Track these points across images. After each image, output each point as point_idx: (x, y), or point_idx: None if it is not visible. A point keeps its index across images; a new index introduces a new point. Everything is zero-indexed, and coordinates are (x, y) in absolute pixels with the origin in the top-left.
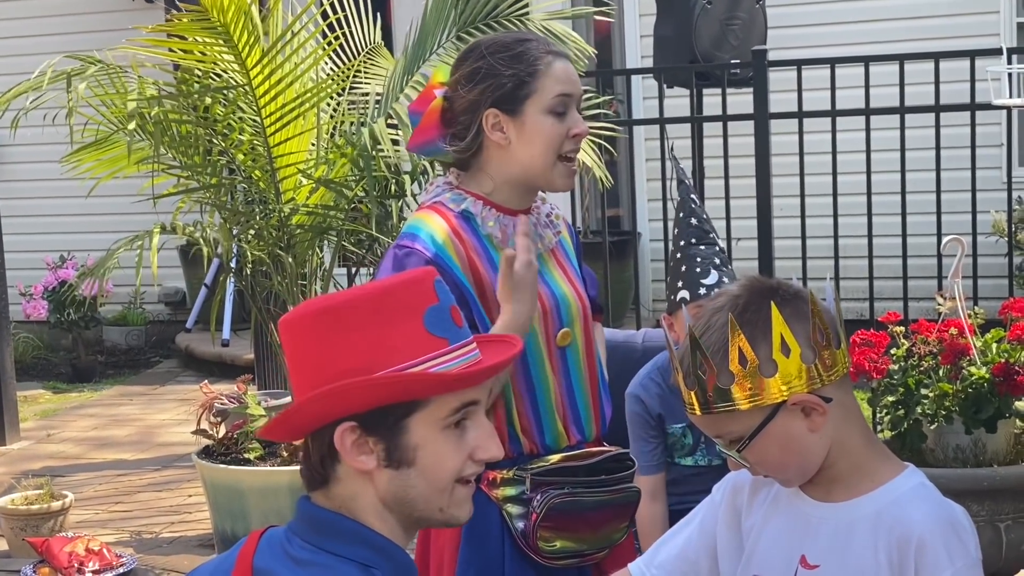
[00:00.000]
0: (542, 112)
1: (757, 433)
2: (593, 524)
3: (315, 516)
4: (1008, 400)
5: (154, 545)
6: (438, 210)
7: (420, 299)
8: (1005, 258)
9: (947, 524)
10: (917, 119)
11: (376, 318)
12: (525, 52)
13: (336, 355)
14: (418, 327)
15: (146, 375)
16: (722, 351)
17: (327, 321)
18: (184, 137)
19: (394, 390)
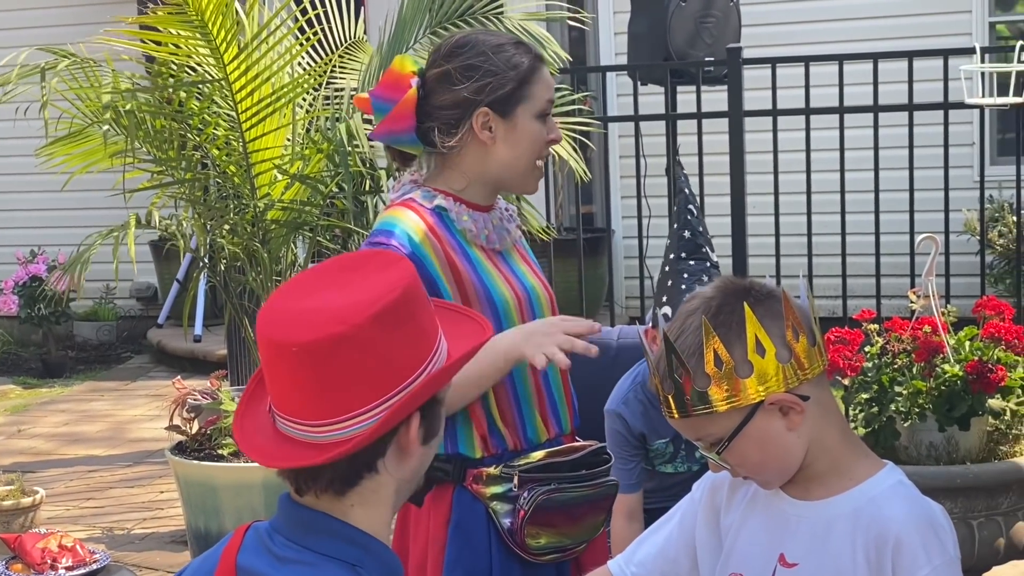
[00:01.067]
0: (532, 117)
1: (736, 434)
2: (575, 518)
3: (298, 515)
4: (981, 398)
5: (126, 541)
6: (410, 207)
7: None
8: (977, 256)
9: (925, 522)
10: (890, 118)
11: (417, 307)
12: (521, 55)
13: (402, 352)
14: (430, 308)
15: (117, 371)
16: (697, 354)
17: (388, 322)
18: (158, 131)
19: (449, 373)
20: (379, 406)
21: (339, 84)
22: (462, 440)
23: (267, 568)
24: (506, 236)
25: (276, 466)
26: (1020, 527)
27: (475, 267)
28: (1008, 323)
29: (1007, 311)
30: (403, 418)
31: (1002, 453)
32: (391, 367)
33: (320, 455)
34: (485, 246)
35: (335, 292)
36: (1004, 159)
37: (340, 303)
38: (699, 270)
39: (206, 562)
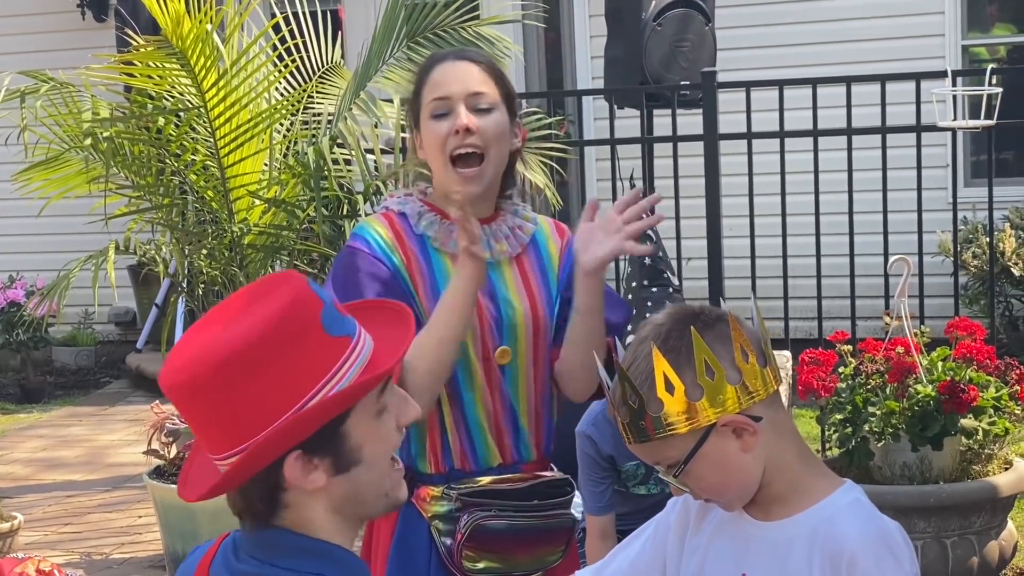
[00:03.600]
0: (427, 120)
1: (691, 457)
2: (521, 547)
3: (257, 533)
4: (954, 418)
5: (104, 566)
6: (384, 214)
7: (312, 309)
8: (951, 277)
9: (878, 539)
10: (864, 140)
11: (281, 348)
12: (422, 69)
13: (259, 400)
14: (321, 336)
15: (96, 395)
16: (649, 380)
17: (232, 372)
18: (136, 157)
19: (328, 411)
20: (239, 451)
21: (317, 108)
22: (416, 453)
23: None
24: (488, 251)
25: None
26: (993, 546)
27: (435, 274)
28: (980, 343)
29: (979, 331)
30: (268, 461)
31: (975, 472)
32: (247, 412)
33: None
34: (455, 255)
35: (216, 329)
36: (977, 180)
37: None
38: (662, 297)
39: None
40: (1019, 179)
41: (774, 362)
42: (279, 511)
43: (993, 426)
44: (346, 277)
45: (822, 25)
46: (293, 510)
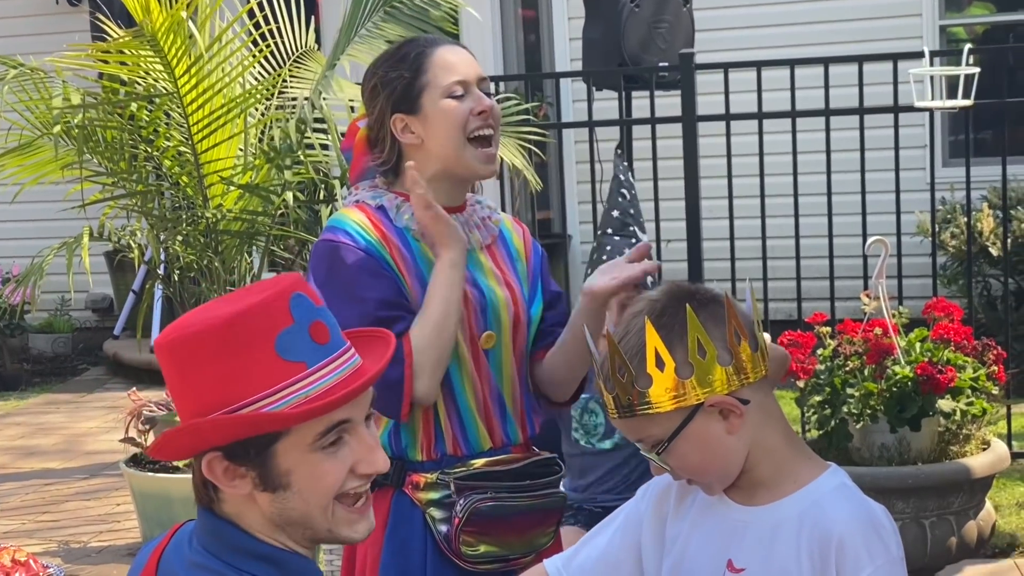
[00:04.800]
0: (440, 99)
1: (676, 435)
2: (518, 529)
3: (208, 523)
4: (932, 399)
5: (82, 555)
6: (359, 207)
7: (271, 324)
8: (929, 258)
9: (866, 523)
10: (842, 121)
11: (226, 350)
12: (406, 53)
13: (194, 389)
14: (270, 355)
15: (73, 383)
16: (639, 355)
17: (182, 355)
18: (109, 143)
19: (241, 429)
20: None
21: (291, 93)
22: (407, 442)
23: (180, 570)
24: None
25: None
26: (971, 526)
27: (419, 264)
28: (957, 324)
29: (956, 312)
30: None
31: (953, 453)
32: (187, 395)
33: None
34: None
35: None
36: (955, 161)
37: (183, 320)
38: (622, 245)
39: (140, 560)
40: (997, 159)
41: (765, 346)
42: (217, 501)
43: (971, 407)
44: (340, 276)
45: (800, 6)
46: (229, 504)
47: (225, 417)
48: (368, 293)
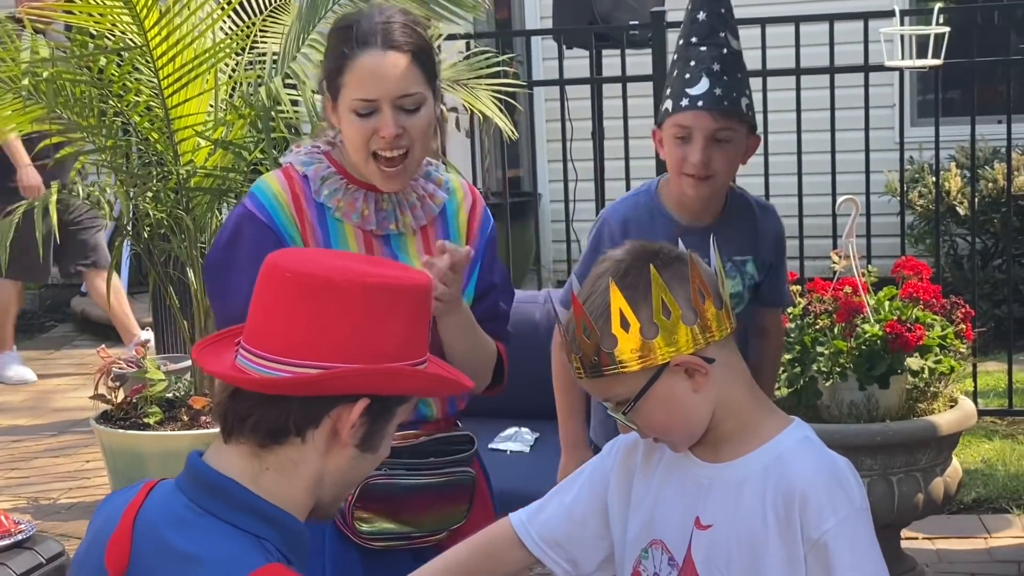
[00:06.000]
0: (347, 110)
1: (642, 395)
2: (418, 507)
3: (205, 477)
4: (900, 357)
5: (52, 511)
6: (286, 171)
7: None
8: (896, 217)
9: (829, 476)
10: (812, 80)
11: (417, 310)
12: (347, 36)
13: (379, 335)
14: (427, 330)
15: (41, 340)
16: (604, 315)
17: (382, 301)
18: (78, 98)
19: (430, 385)
20: (333, 365)
21: (262, 48)
22: None
23: (165, 528)
24: (393, 221)
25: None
26: (938, 483)
27: (330, 245)
28: (926, 283)
29: (925, 271)
30: (351, 391)
31: (920, 411)
32: (366, 339)
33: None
34: (360, 226)
35: (356, 263)
36: (924, 120)
37: (350, 266)
38: (709, 57)
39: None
40: (965, 119)
41: (729, 304)
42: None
43: (939, 365)
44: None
45: None
46: (300, 450)
47: (426, 373)
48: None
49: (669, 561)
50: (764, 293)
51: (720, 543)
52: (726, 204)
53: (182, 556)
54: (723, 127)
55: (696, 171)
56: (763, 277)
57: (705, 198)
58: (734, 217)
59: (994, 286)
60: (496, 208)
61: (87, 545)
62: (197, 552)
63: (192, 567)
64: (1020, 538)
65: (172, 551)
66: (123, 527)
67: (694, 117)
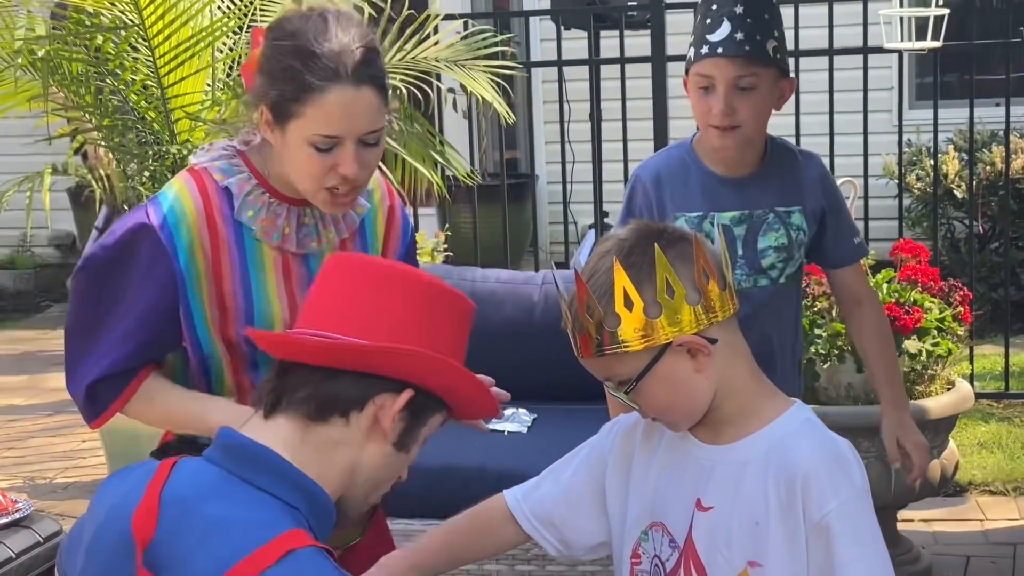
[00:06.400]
0: (301, 140)
1: (644, 375)
2: None
3: (241, 445)
4: (898, 339)
5: (48, 491)
6: (200, 179)
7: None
8: (895, 200)
9: (831, 458)
10: (811, 62)
11: (464, 322)
12: (311, 64)
13: (436, 329)
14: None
15: (36, 319)
16: (608, 294)
17: (443, 299)
18: (75, 76)
19: (472, 390)
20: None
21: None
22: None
23: (195, 497)
24: (315, 238)
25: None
26: (935, 465)
27: (244, 273)
28: (924, 265)
29: (923, 254)
30: (398, 370)
31: (918, 393)
32: (417, 328)
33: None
34: (279, 247)
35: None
36: (922, 103)
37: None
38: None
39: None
40: (963, 101)
41: (733, 285)
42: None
43: (936, 347)
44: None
45: None
46: (342, 431)
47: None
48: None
49: (670, 543)
50: (829, 249)
51: (721, 525)
52: (765, 153)
53: (210, 519)
54: (746, 74)
55: (720, 122)
56: (818, 228)
57: (734, 149)
58: (774, 166)
59: (991, 269)
60: (493, 190)
61: (103, 519)
62: (226, 515)
63: (219, 529)
64: (1016, 520)
65: (201, 516)
66: (149, 500)
67: (714, 65)
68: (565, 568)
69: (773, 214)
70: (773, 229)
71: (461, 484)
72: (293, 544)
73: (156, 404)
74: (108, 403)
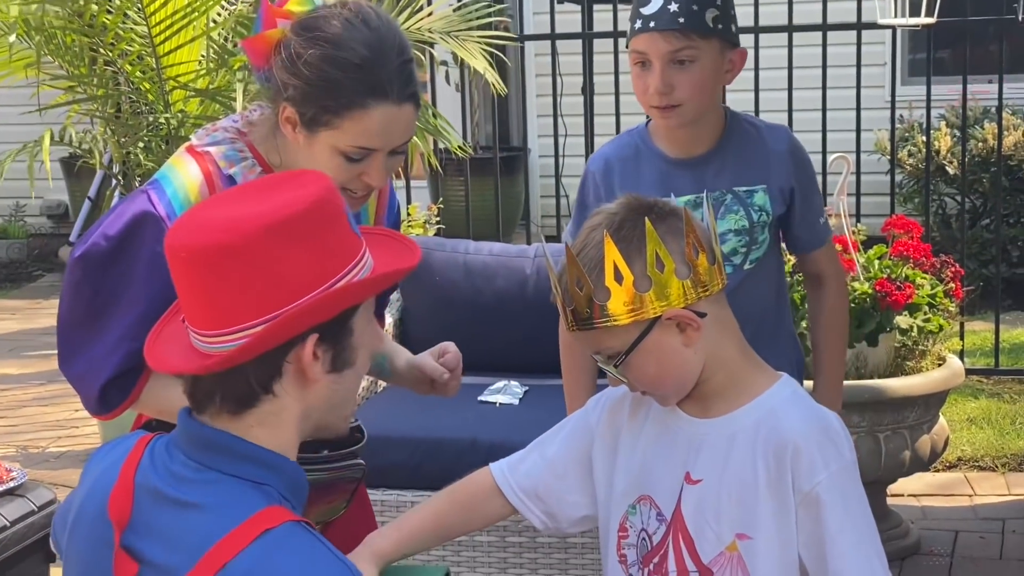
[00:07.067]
0: (333, 150)
1: (633, 348)
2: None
3: (199, 432)
4: (889, 315)
5: (41, 460)
6: (203, 162)
7: (341, 203)
8: (887, 175)
9: (820, 430)
10: (804, 37)
11: (324, 224)
12: (363, 79)
13: (296, 267)
14: (346, 228)
15: (28, 289)
16: (598, 267)
17: (275, 240)
18: (70, 46)
19: (353, 295)
20: (262, 322)
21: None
22: None
23: (165, 486)
24: None
25: (157, 368)
26: (925, 440)
27: None
28: (916, 241)
29: (915, 230)
30: (290, 336)
31: (908, 368)
32: (281, 283)
33: (198, 364)
34: None
35: (246, 205)
36: (915, 79)
37: (240, 213)
38: None
39: (105, 475)
40: (956, 77)
41: (721, 260)
42: (262, 402)
43: (928, 323)
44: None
45: None
46: (276, 401)
47: (358, 282)
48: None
49: (657, 516)
50: (794, 233)
51: (710, 497)
52: (724, 131)
53: (183, 504)
54: (682, 47)
55: (658, 101)
56: (785, 210)
57: (679, 129)
58: (733, 143)
59: (982, 246)
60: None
61: (84, 495)
62: (196, 500)
63: (193, 513)
64: (1004, 496)
65: (173, 502)
66: (124, 482)
67: (648, 40)
68: (555, 540)
69: (732, 195)
70: (732, 211)
71: (453, 456)
72: (268, 523)
73: (160, 400)
74: (119, 402)
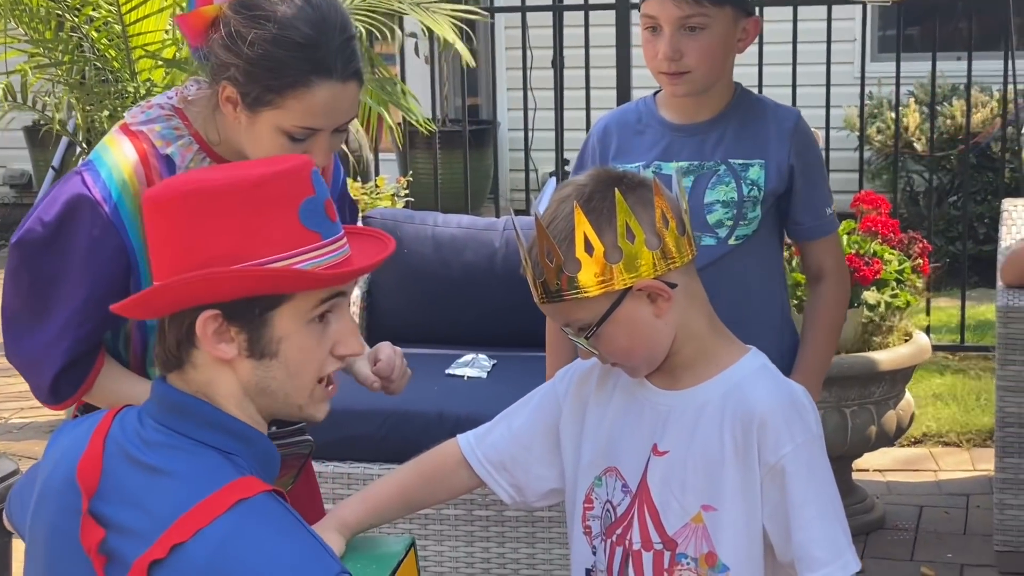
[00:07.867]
0: (275, 127)
1: (604, 320)
2: None
3: (171, 399)
4: (857, 290)
5: (4, 431)
6: (138, 142)
7: (297, 191)
8: (855, 152)
9: (787, 402)
10: (775, 12)
11: (250, 205)
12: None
13: (206, 239)
14: (292, 219)
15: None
16: (568, 239)
17: (199, 203)
18: (34, 11)
19: (262, 283)
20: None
21: None
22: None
23: (135, 450)
24: None
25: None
26: (891, 415)
27: None
28: (885, 217)
29: (884, 205)
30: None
31: (875, 344)
32: (193, 250)
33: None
34: None
35: (219, 171)
36: (884, 56)
37: (201, 176)
38: None
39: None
40: (925, 55)
41: (691, 231)
42: (187, 367)
43: (895, 299)
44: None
45: None
46: (200, 371)
47: (255, 268)
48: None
49: (623, 488)
50: (800, 217)
51: (676, 467)
52: (731, 102)
53: (152, 469)
54: (693, 13)
55: (667, 67)
56: (784, 190)
57: (685, 96)
58: (736, 115)
59: (949, 223)
60: (454, 136)
61: (52, 467)
62: (167, 467)
63: (164, 479)
64: (969, 471)
65: (142, 466)
66: (93, 449)
67: (659, 5)
68: (522, 513)
69: (726, 166)
70: (723, 182)
71: (420, 428)
72: (243, 493)
73: (110, 393)
74: (69, 393)
